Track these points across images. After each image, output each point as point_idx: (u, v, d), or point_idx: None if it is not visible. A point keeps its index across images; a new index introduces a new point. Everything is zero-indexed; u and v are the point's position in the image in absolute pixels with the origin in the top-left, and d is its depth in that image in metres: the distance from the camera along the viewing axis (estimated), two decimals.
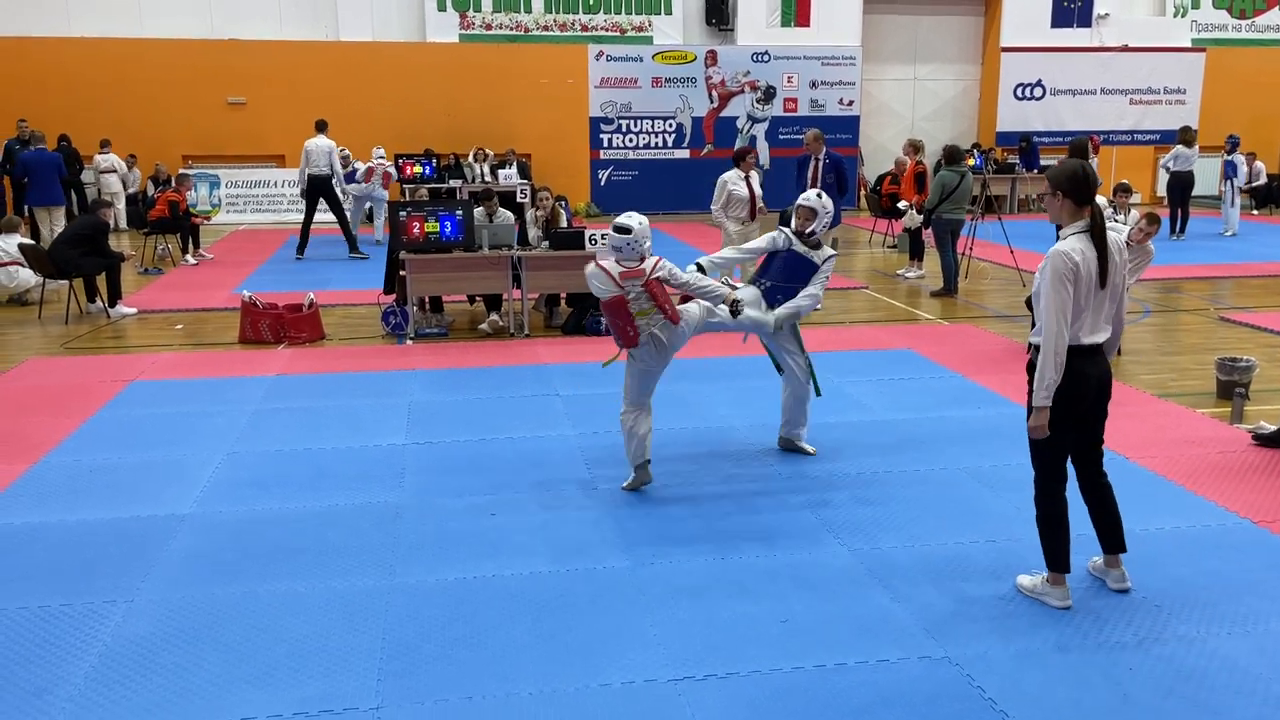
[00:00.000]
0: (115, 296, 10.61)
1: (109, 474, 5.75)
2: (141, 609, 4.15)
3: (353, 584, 4.37)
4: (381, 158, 16.47)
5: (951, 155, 11.69)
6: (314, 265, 14.04)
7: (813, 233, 5.87)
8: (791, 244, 5.85)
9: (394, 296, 9.91)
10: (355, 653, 3.80)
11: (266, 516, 5.14)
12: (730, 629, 3.97)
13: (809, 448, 6.02)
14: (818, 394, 5.99)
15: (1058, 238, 4.07)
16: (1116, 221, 9.76)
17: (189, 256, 14.48)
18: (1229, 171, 17.14)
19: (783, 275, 5.84)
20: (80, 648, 3.85)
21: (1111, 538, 4.29)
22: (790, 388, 5.96)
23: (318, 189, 14.54)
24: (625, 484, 5.47)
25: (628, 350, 5.40)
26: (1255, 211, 20.53)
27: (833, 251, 6.00)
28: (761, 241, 6.04)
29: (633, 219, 5.23)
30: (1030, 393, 3.97)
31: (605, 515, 5.14)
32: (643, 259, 5.25)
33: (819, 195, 5.92)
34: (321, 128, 15.84)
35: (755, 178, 10.61)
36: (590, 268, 5.31)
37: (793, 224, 5.92)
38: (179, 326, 10.12)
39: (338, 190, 16.04)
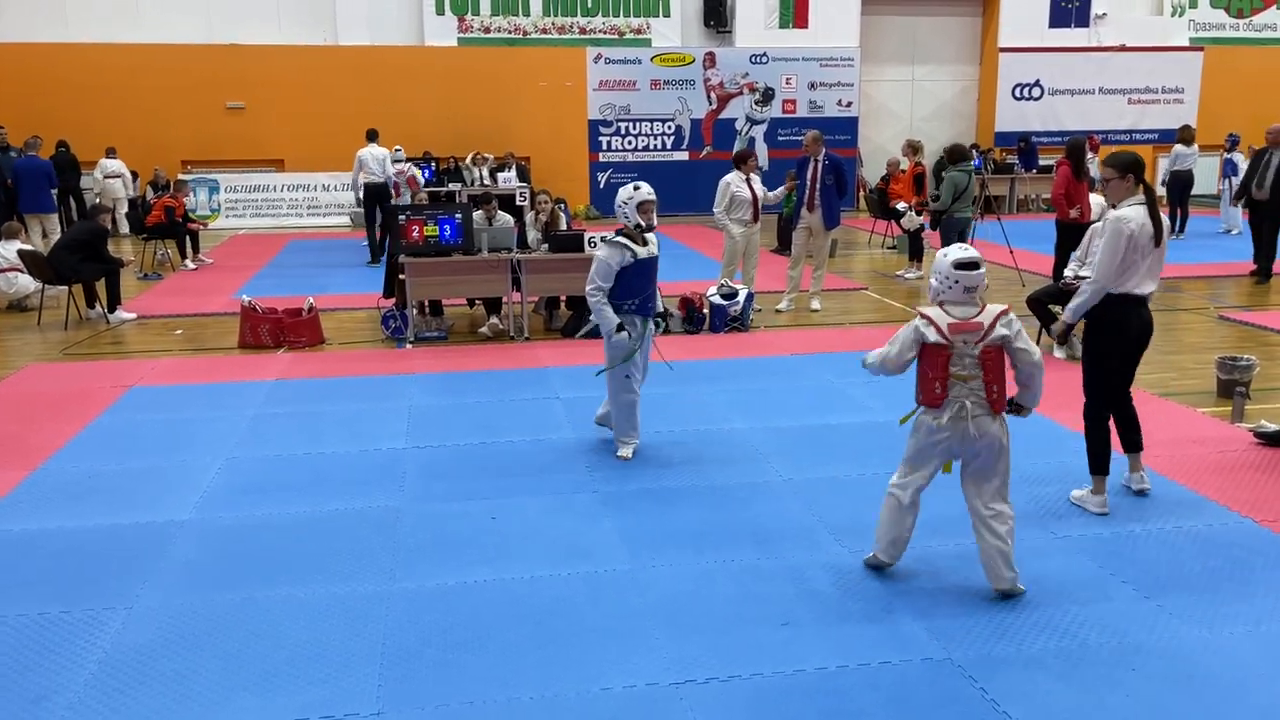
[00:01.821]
0: (114, 302, 10.61)
1: (108, 480, 5.74)
2: (141, 616, 4.14)
3: (353, 589, 4.36)
4: (401, 159, 16.49)
5: (958, 153, 11.65)
6: (313, 270, 14.03)
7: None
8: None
9: (393, 300, 9.90)
10: (356, 658, 3.79)
11: (266, 522, 5.13)
12: (732, 631, 3.96)
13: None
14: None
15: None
16: None
17: (188, 261, 14.48)
18: (1228, 170, 17.13)
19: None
20: (80, 655, 3.84)
21: (1130, 437, 5.33)
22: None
23: (374, 197, 14.61)
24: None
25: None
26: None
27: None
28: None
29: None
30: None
31: (606, 518, 5.13)
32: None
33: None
34: (373, 136, 15.97)
35: (757, 180, 10.61)
36: None
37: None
38: (178, 332, 10.11)
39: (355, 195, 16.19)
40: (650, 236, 5.96)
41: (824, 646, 3.84)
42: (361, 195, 14.85)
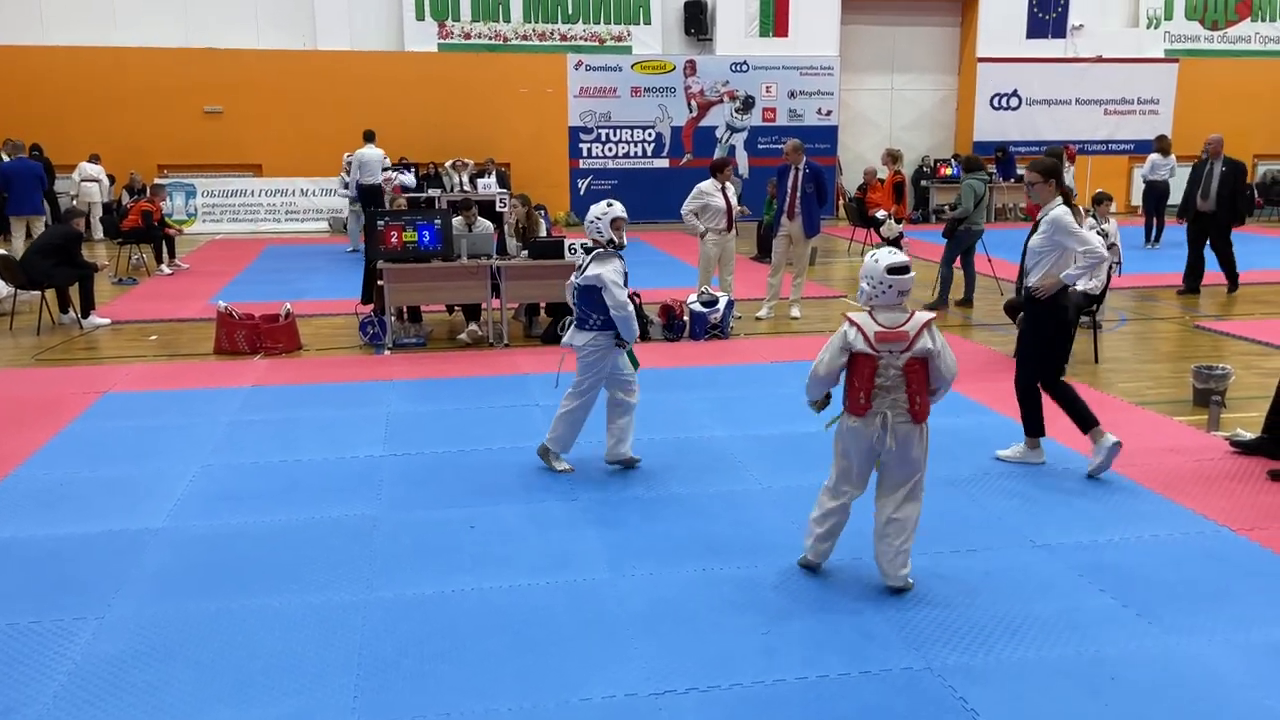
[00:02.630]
0: (88, 307, 10.49)
1: (80, 488, 5.66)
2: (113, 626, 4.08)
3: (329, 598, 4.31)
4: (386, 166, 16.49)
5: (973, 163, 11.61)
6: (291, 276, 13.94)
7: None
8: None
9: (371, 306, 9.84)
10: (331, 669, 3.75)
11: (241, 530, 5.07)
12: (712, 641, 3.94)
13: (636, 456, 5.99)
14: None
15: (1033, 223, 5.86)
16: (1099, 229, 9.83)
17: (164, 266, 14.35)
18: None
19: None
20: (49, 666, 3.77)
21: (1086, 414, 5.83)
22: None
23: (369, 198, 14.57)
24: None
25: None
26: None
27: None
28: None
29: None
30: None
31: (585, 527, 5.10)
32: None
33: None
34: (369, 138, 15.93)
35: (732, 189, 10.61)
36: None
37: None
38: (153, 337, 10.01)
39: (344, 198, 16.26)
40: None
41: (803, 656, 3.82)
42: (355, 195, 14.87)
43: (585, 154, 21.38)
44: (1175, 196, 17.81)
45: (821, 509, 4.45)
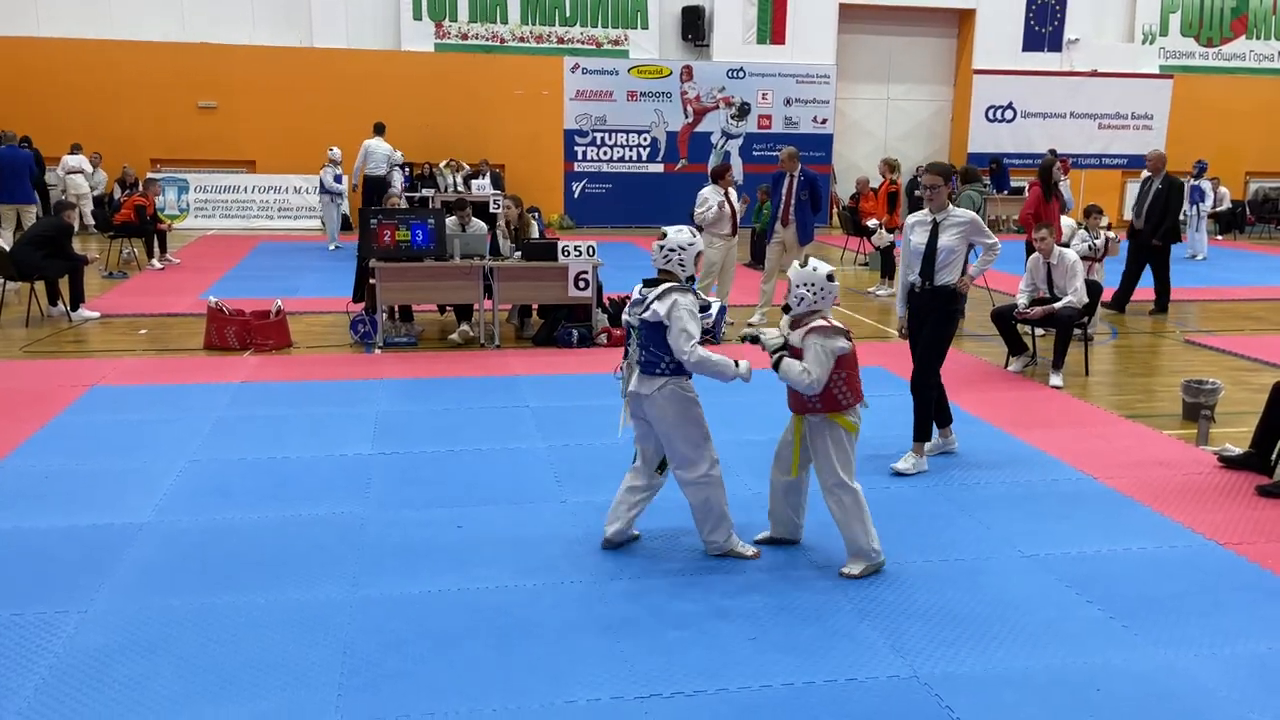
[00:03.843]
0: (78, 300, 10.44)
1: (66, 481, 5.62)
2: (95, 620, 4.05)
3: (314, 596, 4.28)
4: (400, 162, 16.65)
5: (970, 174, 11.61)
6: (282, 272, 13.89)
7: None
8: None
9: (363, 305, 9.81)
10: (315, 667, 3.72)
11: (227, 526, 5.04)
12: (698, 646, 3.92)
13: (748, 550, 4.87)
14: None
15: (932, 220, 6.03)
16: (1091, 242, 9.87)
17: (155, 261, 14.29)
18: (1195, 196, 17.34)
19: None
20: (30, 659, 3.74)
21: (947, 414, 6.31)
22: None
23: (373, 190, 14.58)
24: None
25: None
26: (1219, 236, 20.83)
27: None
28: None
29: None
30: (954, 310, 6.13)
31: (573, 529, 5.08)
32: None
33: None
34: (380, 130, 15.89)
35: (734, 194, 10.61)
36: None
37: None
38: (142, 331, 9.96)
39: (328, 198, 16.35)
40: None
41: (791, 662, 3.81)
42: (359, 185, 14.89)
43: (580, 157, 21.37)
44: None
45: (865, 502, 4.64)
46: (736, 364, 4.58)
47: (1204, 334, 10.60)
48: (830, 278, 4.62)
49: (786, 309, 4.72)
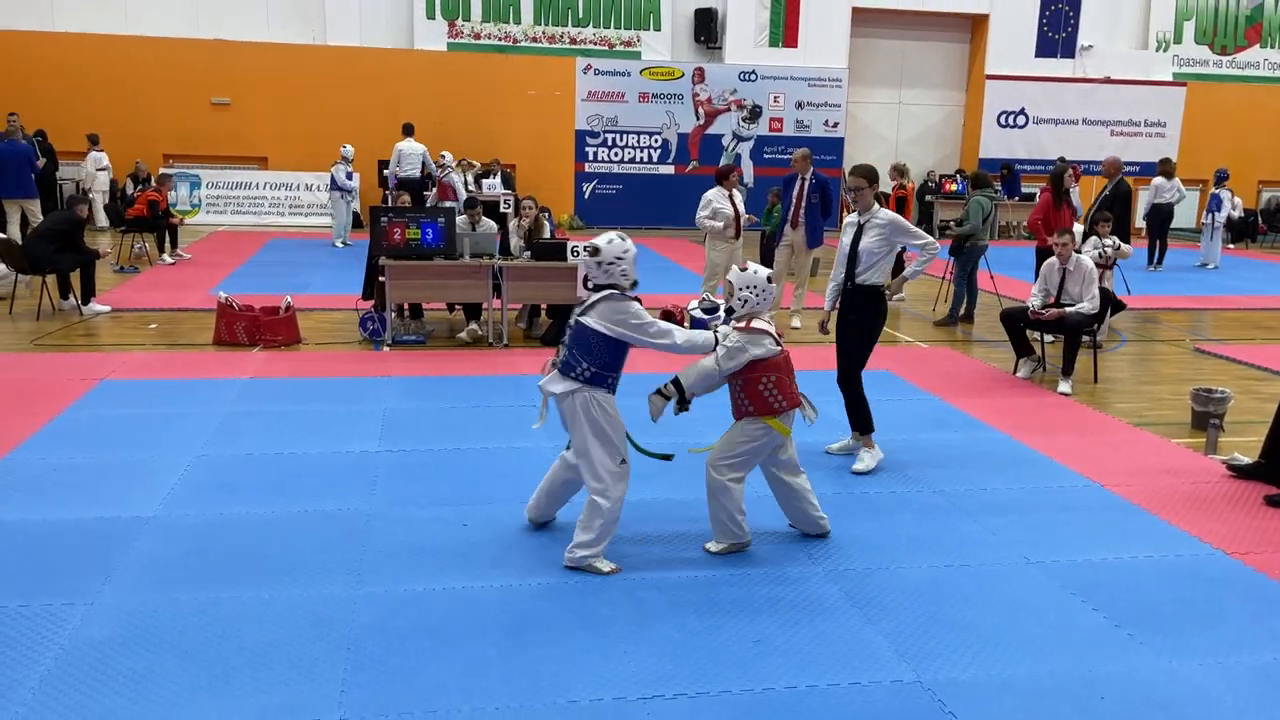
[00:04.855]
0: (89, 294, 10.48)
1: (74, 473, 5.65)
2: (101, 612, 4.06)
3: (319, 592, 4.29)
4: (451, 163, 16.65)
5: (981, 179, 11.59)
6: (293, 269, 13.93)
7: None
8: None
9: (372, 302, 9.83)
10: (319, 663, 3.73)
11: (233, 521, 5.05)
12: (702, 648, 3.92)
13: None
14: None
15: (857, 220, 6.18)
16: (1102, 249, 9.83)
17: (166, 256, 14.35)
18: (1212, 205, 17.24)
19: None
20: (36, 650, 3.76)
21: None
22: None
23: (408, 191, 14.67)
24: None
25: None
26: (1231, 245, 20.75)
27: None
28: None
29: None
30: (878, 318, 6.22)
31: None
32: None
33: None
34: (409, 131, 15.94)
35: (739, 196, 10.60)
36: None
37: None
38: (152, 326, 10.00)
39: (338, 194, 16.44)
40: None
41: (794, 665, 3.81)
42: (394, 187, 15.01)
43: (591, 158, 21.39)
44: (1181, 219, 17.87)
45: (740, 501, 4.80)
46: (714, 331, 4.92)
47: (1214, 342, 10.56)
48: (770, 280, 4.87)
49: (730, 311, 4.91)
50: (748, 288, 4.81)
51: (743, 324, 4.79)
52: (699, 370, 4.76)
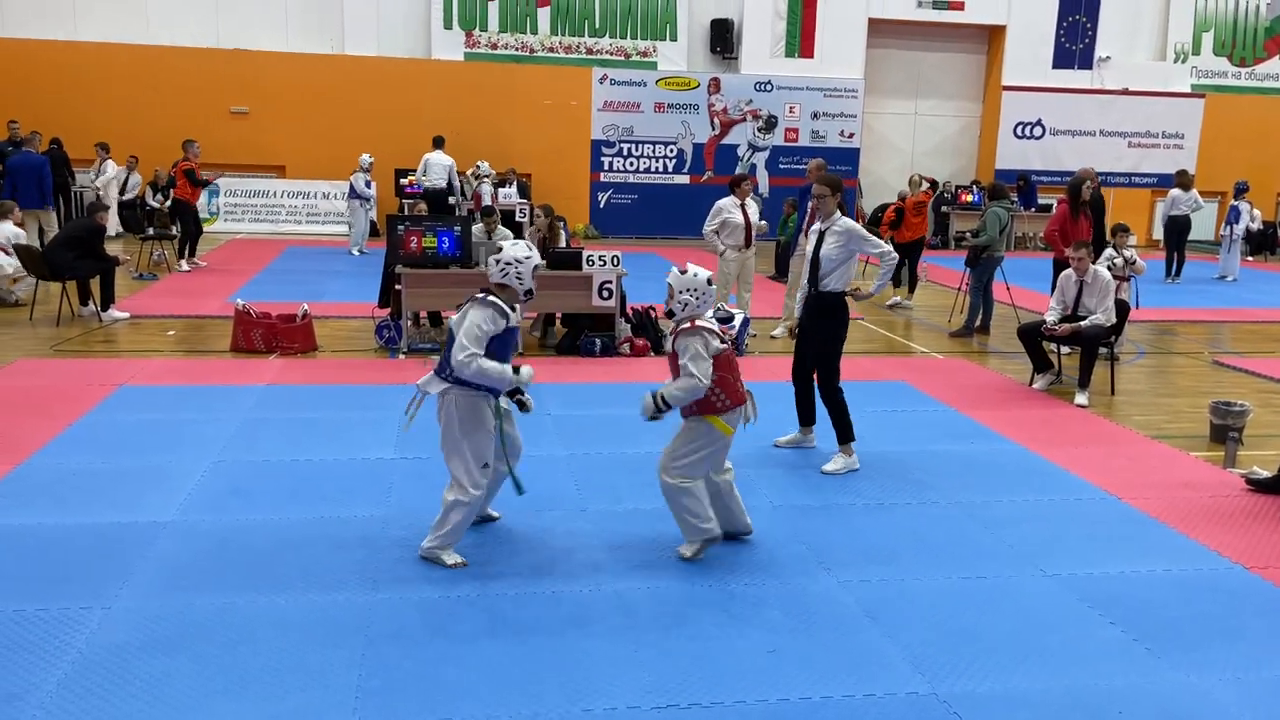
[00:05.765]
0: (108, 300, 10.56)
1: (92, 478, 5.68)
2: (118, 616, 4.08)
3: (334, 598, 4.31)
4: (488, 173, 16.79)
5: (998, 191, 11.58)
6: (310, 277, 14.00)
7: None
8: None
9: (388, 310, 9.87)
10: (334, 668, 3.74)
11: (249, 527, 5.07)
12: (717, 658, 3.91)
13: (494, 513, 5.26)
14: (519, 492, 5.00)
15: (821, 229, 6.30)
16: (1112, 261, 9.79)
17: (184, 263, 14.44)
18: (1231, 217, 17.13)
19: None
20: (54, 654, 3.78)
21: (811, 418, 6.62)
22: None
23: (435, 203, 14.74)
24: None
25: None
26: (1250, 258, 20.61)
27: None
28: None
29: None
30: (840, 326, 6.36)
31: (593, 537, 5.09)
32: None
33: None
34: (439, 143, 16.04)
35: (752, 205, 10.60)
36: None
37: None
38: (171, 332, 10.06)
39: (357, 202, 16.55)
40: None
41: (809, 676, 3.80)
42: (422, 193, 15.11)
43: (606, 167, 21.45)
44: (1198, 231, 17.75)
45: (701, 499, 4.78)
46: (517, 371, 4.76)
47: (1233, 355, 10.49)
48: (710, 282, 4.80)
49: (670, 314, 4.87)
50: (688, 290, 4.77)
51: (687, 324, 4.73)
52: (680, 387, 4.68)
